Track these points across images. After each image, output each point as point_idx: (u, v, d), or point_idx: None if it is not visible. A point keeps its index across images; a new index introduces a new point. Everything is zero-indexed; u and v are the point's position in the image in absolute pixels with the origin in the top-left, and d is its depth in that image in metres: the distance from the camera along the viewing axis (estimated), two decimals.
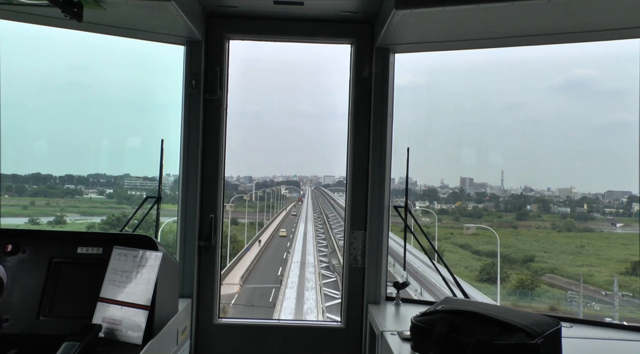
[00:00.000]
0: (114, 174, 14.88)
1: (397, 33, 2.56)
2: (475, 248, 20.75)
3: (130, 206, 14.58)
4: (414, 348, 1.93)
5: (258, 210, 25.56)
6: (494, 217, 21.80)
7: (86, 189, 15.46)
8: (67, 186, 15.40)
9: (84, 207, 15.10)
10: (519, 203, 21.88)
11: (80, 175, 15.46)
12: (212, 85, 2.83)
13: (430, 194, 22.20)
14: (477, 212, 22.07)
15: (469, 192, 22.49)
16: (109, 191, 15.08)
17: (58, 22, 2.46)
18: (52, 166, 14.79)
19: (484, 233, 21.00)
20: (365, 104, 2.86)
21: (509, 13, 2.23)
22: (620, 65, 22.05)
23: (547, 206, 21.70)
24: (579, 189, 21.23)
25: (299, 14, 2.78)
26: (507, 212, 21.86)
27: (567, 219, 21.18)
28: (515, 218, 21.63)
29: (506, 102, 36.28)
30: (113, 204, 14.85)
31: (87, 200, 15.35)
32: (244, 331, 2.88)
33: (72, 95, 20.90)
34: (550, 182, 23.14)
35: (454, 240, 21.84)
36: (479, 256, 20.11)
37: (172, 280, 2.21)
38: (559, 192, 21.67)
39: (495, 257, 18.15)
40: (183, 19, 2.39)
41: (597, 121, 32.93)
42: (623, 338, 2.30)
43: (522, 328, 1.64)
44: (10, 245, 2.03)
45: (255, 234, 24.10)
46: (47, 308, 1.94)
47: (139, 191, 14.18)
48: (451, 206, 22.33)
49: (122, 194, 14.65)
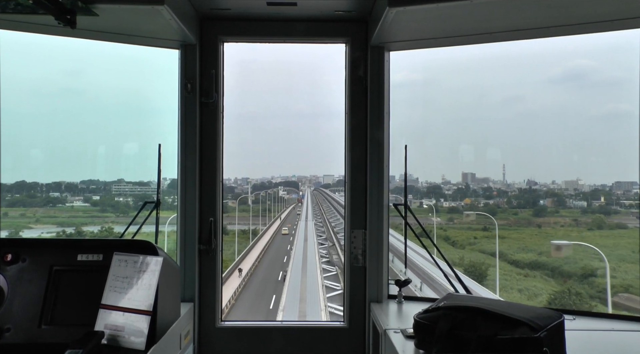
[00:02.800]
0: (107, 180, 14.32)
1: (391, 31, 2.56)
2: (511, 257, 16.59)
3: (114, 213, 13.94)
4: (418, 345, 1.93)
5: (252, 214, 23.50)
6: (509, 215, 19.68)
7: (72, 197, 14.67)
8: (52, 193, 14.66)
9: (63, 217, 14.28)
10: (531, 198, 20.13)
11: (71, 182, 14.77)
12: (207, 89, 2.83)
13: (435, 191, 20.84)
14: (491, 209, 20.08)
15: (474, 188, 21.05)
16: (96, 197, 14.43)
17: (51, 30, 2.45)
18: (45, 173, 14.34)
19: (509, 235, 17.97)
20: (361, 102, 2.86)
21: (503, 8, 2.23)
22: (618, 55, 21.58)
23: (562, 200, 19.76)
24: (585, 181, 19.70)
25: (292, 14, 2.78)
26: (521, 208, 19.78)
27: (595, 215, 18.33)
28: (532, 215, 19.59)
29: (504, 96, 36.24)
30: (96, 213, 14.15)
31: (69, 209, 14.57)
32: (246, 333, 2.88)
33: (67, 101, 20.82)
34: (552, 174, 21.95)
35: (481, 246, 18.16)
36: (523, 269, 15.48)
37: (174, 284, 2.20)
38: (566, 185, 20.25)
39: (542, 268, 13.47)
40: (176, 23, 2.38)
41: (597, 112, 32.87)
42: (626, 329, 2.31)
43: (525, 322, 1.64)
44: (10, 254, 2.03)
45: (251, 241, 21.39)
46: (49, 316, 1.93)
47: (128, 197, 13.61)
48: (460, 203, 20.73)
49: (107, 202, 14.02)
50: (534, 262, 14.71)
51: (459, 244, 19.28)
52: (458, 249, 18.94)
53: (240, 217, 22.92)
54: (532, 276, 14.64)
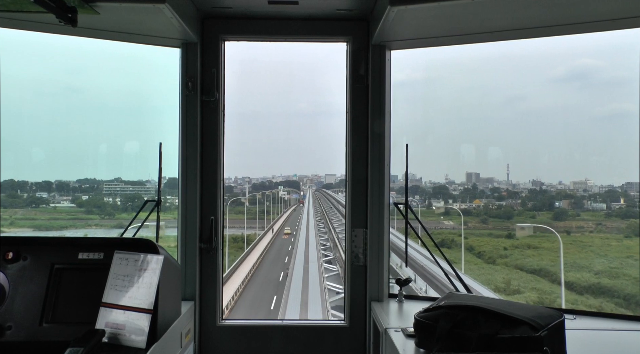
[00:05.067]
0: (104, 179, 13.45)
1: (392, 30, 2.56)
2: (558, 275, 11.49)
3: (99, 216, 13.11)
4: (418, 344, 1.93)
5: (249, 217, 21.48)
6: (526, 218, 17.88)
7: (60, 197, 13.67)
8: (40, 193, 13.66)
9: (42, 220, 13.11)
10: (544, 199, 18.42)
11: (66, 180, 13.89)
12: (208, 87, 2.83)
13: (441, 192, 19.47)
14: (506, 212, 18.27)
15: (482, 188, 19.81)
16: (86, 197, 13.63)
17: (52, 28, 2.45)
18: (44, 172, 13.83)
19: (539, 243, 15.01)
20: (362, 101, 2.86)
21: (505, 6, 2.23)
22: (623, 54, 21.09)
23: (580, 202, 18.11)
24: (594, 182, 18.32)
25: (293, 13, 2.78)
26: (537, 211, 18.08)
27: (630, 220, 16.17)
28: (551, 218, 17.62)
29: (507, 95, 35.98)
30: (81, 214, 13.24)
31: (51, 210, 13.50)
32: (247, 332, 2.89)
33: (67, 99, 20.81)
34: (557, 174, 20.89)
35: (517, 260, 14.04)
36: (584, 296, 10.52)
37: (175, 283, 2.21)
38: (574, 186, 18.98)
39: (608, 295, 9.53)
40: (178, 21, 2.38)
41: (602, 111, 32.59)
42: (627, 328, 2.31)
43: (525, 321, 1.64)
44: (11, 252, 2.03)
45: (244, 252, 18.48)
46: (50, 314, 1.94)
47: (119, 196, 12.95)
48: (471, 205, 19.15)
49: (94, 202, 13.16)
50: (596, 286, 10.71)
51: (487, 256, 15.92)
52: (489, 264, 15.62)
53: (237, 220, 21.42)
54: (607, 309, 10.80)
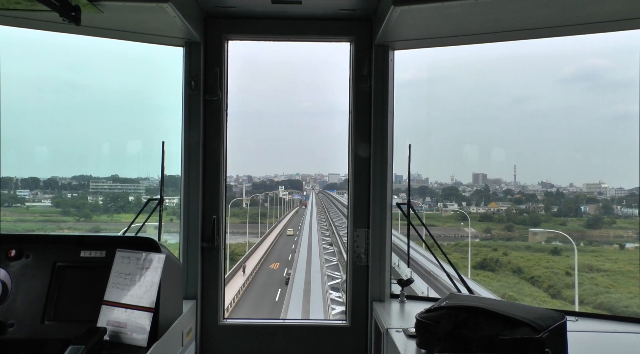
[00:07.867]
0: (100, 176, 12.76)
1: (396, 30, 2.55)
2: None
3: (75, 218, 12.23)
4: (420, 345, 1.92)
5: (247, 221, 20.28)
6: (555, 225, 15.77)
7: (42, 195, 12.79)
8: (20, 191, 12.65)
9: (9, 221, 11.98)
10: (567, 203, 16.50)
11: (63, 177, 13.07)
12: (211, 86, 2.83)
13: (452, 194, 17.99)
14: (532, 218, 16.14)
15: (492, 190, 18.67)
16: (70, 195, 12.69)
17: (56, 27, 2.46)
18: (44, 170, 13.49)
19: (593, 263, 12.85)
20: (365, 101, 2.85)
21: (508, 7, 2.22)
22: (633, 55, 20.77)
23: (609, 207, 16.12)
24: (608, 184, 17.15)
25: (297, 13, 2.78)
26: (566, 217, 16.14)
27: None
28: (583, 226, 15.53)
29: (514, 96, 35.63)
30: (55, 216, 12.31)
31: (22, 210, 12.56)
32: (249, 331, 2.89)
33: (69, 97, 20.84)
34: (565, 176, 19.83)
35: (595, 294, 11.29)
36: None
37: (176, 282, 2.21)
38: (587, 188, 17.89)
39: None
40: (181, 21, 2.39)
41: (610, 112, 32.23)
42: (629, 331, 2.30)
43: (527, 323, 1.64)
44: (14, 250, 2.04)
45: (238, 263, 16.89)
46: (52, 312, 1.94)
47: (104, 195, 12.10)
48: (488, 209, 17.59)
49: (71, 202, 12.15)
50: None
51: (545, 284, 12.96)
52: (550, 298, 12.88)
53: (236, 224, 20.09)
54: None
